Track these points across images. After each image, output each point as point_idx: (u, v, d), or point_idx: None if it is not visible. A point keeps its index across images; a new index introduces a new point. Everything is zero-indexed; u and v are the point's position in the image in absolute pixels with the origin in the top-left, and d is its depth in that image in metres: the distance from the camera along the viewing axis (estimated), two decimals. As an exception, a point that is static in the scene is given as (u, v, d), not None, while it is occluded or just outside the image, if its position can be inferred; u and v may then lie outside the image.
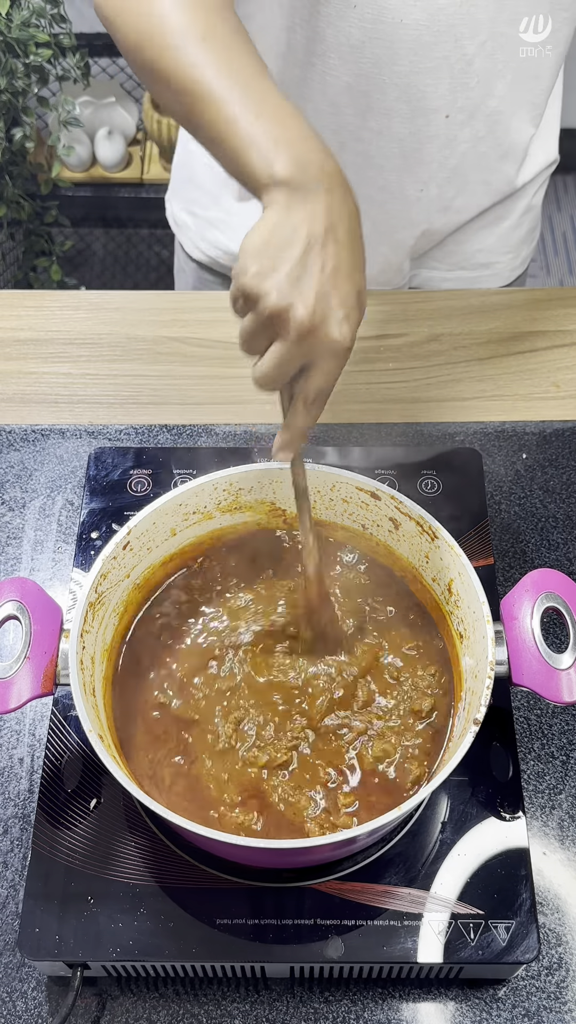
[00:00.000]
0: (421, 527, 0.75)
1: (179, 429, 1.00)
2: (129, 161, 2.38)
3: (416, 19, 0.87)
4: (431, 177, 1.02)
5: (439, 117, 0.95)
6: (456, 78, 0.92)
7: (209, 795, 0.69)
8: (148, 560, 0.77)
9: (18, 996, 0.70)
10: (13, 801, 0.77)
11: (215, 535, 0.81)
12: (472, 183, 1.05)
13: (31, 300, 1.12)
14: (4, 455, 0.98)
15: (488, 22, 0.88)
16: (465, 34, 0.88)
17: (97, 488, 0.90)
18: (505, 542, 0.92)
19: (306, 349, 0.61)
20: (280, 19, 0.91)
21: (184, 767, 0.71)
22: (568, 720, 0.82)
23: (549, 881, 0.74)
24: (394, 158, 0.99)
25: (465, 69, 0.91)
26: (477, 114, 0.96)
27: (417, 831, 0.72)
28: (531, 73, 0.95)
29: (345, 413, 1.02)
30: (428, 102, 0.94)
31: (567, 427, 1.01)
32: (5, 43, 1.77)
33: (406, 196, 1.04)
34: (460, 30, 0.88)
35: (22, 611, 0.69)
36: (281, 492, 0.80)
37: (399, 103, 0.94)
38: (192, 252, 1.19)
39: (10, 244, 2.14)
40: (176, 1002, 0.70)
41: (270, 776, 0.70)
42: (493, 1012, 0.69)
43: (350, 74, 0.92)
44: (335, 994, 0.70)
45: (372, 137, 0.98)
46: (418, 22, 0.87)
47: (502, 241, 1.15)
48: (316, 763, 0.71)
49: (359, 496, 0.78)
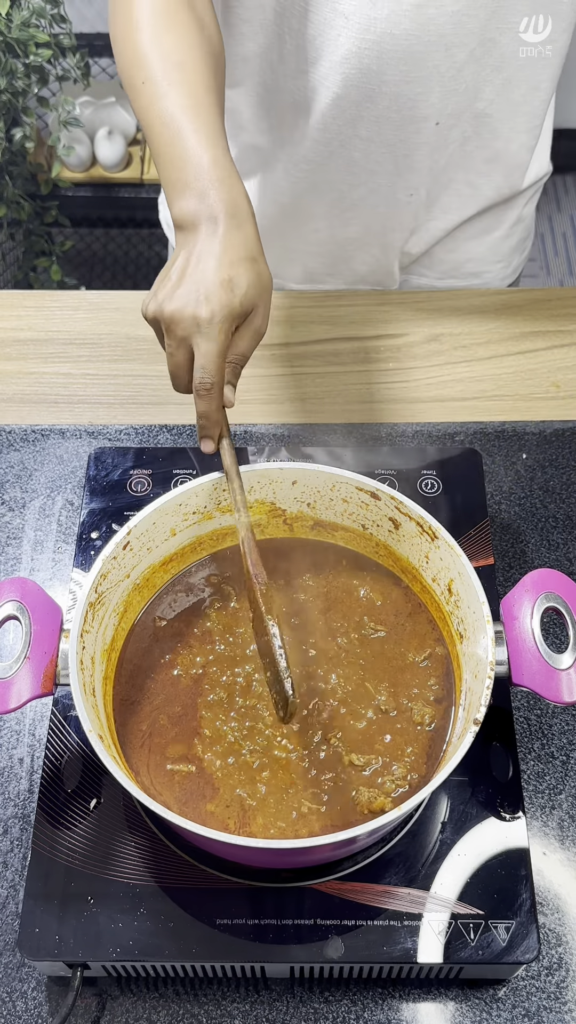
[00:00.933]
0: (421, 527, 0.75)
1: (179, 429, 1.00)
2: (129, 161, 2.38)
3: (406, 29, 0.87)
4: (420, 182, 1.02)
5: (429, 124, 0.95)
6: (446, 86, 0.92)
7: (209, 795, 0.69)
8: (148, 560, 0.77)
9: (18, 996, 0.70)
10: (13, 801, 0.77)
11: (215, 535, 0.81)
12: (457, 183, 1.04)
13: (31, 300, 1.12)
14: (4, 455, 0.98)
15: (479, 30, 0.88)
16: (455, 43, 0.88)
17: (97, 488, 0.90)
18: (505, 542, 0.92)
19: (180, 335, 0.71)
20: (271, 27, 0.91)
21: (184, 767, 0.71)
22: (568, 720, 0.82)
23: (549, 881, 0.74)
24: (384, 163, 1.00)
25: (455, 76, 0.91)
26: (464, 116, 0.96)
27: (417, 831, 0.72)
28: (526, 81, 0.95)
29: (345, 413, 1.02)
30: (418, 110, 0.94)
31: (567, 427, 1.01)
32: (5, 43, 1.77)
33: (396, 200, 1.04)
34: (450, 39, 0.88)
35: (22, 611, 0.69)
36: (281, 492, 0.80)
37: (389, 111, 0.94)
38: None
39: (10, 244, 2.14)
40: (176, 1002, 0.70)
41: (270, 776, 0.70)
42: (493, 1012, 0.69)
43: (340, 84, 0.92)
44: (335, 994, 0.70)
45: (362, 144, 0.98)
46: (408, 32, 0.87)
47: (492, 251, 1.15)
48: (315, 763, 0.71)
49: (359, 496, 0.78)
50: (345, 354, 1.07)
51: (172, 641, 0.77)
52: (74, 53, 1.84)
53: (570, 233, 2.70)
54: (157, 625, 0.78)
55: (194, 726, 0.72)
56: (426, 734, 0.72)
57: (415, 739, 0.72)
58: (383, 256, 1.12)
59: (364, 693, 0.74)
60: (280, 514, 0.82)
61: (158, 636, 0.77)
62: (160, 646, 0.77)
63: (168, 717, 0.73)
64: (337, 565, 0.81)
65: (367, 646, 0.76)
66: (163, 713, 0.73)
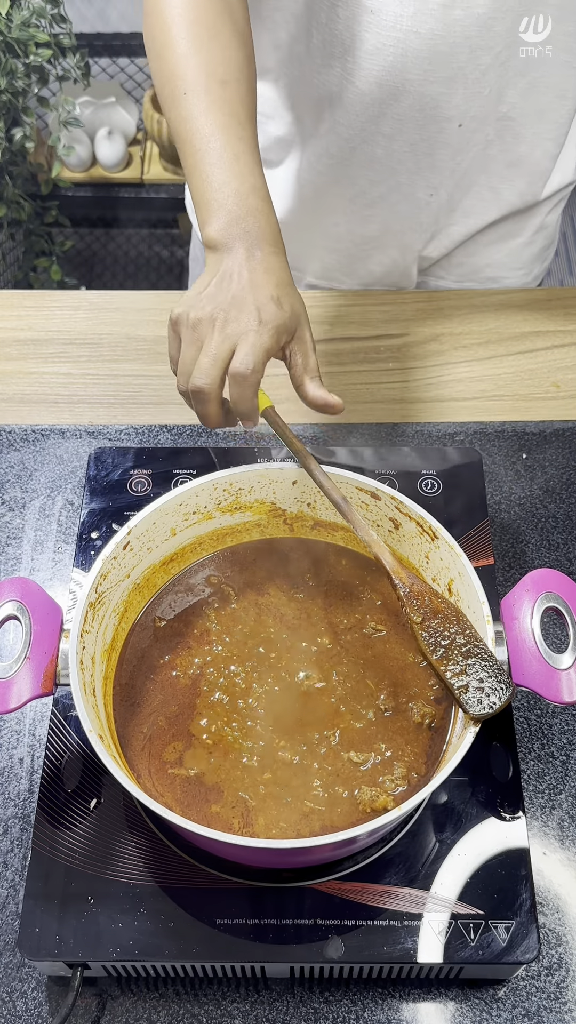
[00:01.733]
0: (421, 527, 0.75)
1: (179, 429, 1.00)
2: (129, 161, 2.38)
3: (431, 29, 0.87)
4: (441, 183, 1.02)
5: (452, 126, 0.95)
6: (470, 88, 0.92)
7: (209, 795, 0.69)
8: (148, 560, 0.77)
9: (18, 996, 0.70)
10: (13, 801, 0.77)
11: (215, 535, 0.81)
12: (479, 186, 1.05)
13: (31, 300, 1.12)
14: (4, 455, 0.98)
15: (504, 33, 0.88)
16: (480, 45, 0.88)
17: (97, 488, 0.90)
18: (505, 542, 0.92)
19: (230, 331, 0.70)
20: (301, 19, 0.92)
21: (184, 767, 0.71)
22: (568, 720, 0.82)
23: (549, 881, 0.74)
24: (406, 162, 1.00)
25: (479, 79, 0.91)
26: (488, 119, 0.96)
27: (417, 831, 0.72)
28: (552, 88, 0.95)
29: (345, 413, 1.01)
30: (441, 111, 0.94)
31: (567, 427, 1.01)
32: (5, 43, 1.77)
33: (416, 199, 1.04)
34: (476, 41, 0.88)
35: (22, 611, 0.69)
36: (281, 492, 0.80)
37: (412, 110, 0.94)
38: None
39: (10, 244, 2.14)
40: (176, 1002, 0.70)
41: (270, 776, 0.70)
42: (493, 1012, 0.69)
43: (365, 79, 0.92)
44: (335, 994, 0.70)
45: (385, 141, 0.98)
46: (433, 32, 0.87)
47: (512, 257, 1.15)
48: (315, 764, 0.71)
49: (359, 496, 0.78)
50: (345, 354, 1.07)
51: (172, 641, 0.77)
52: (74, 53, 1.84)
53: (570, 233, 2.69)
54: (157, 625, 0.78)
55: (194, 726, 0.72)
56: (426, 734, 0.72)
57: (415, 739, 0.72)
58: (401, 258, 1.12)
59: (364, 693, 0.74)
60: (280, 514, 0.82)
61: (158, 636, 0.77)
62: (160, 646, 0.77)
63: (168, 717, 0.73)
64: (337, 565, 0.81)
65: (367, 646, 0.76)
66: (163, 714, 0.73)
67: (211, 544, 0.82)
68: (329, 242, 1.12)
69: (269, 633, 0.77)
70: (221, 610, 0.79)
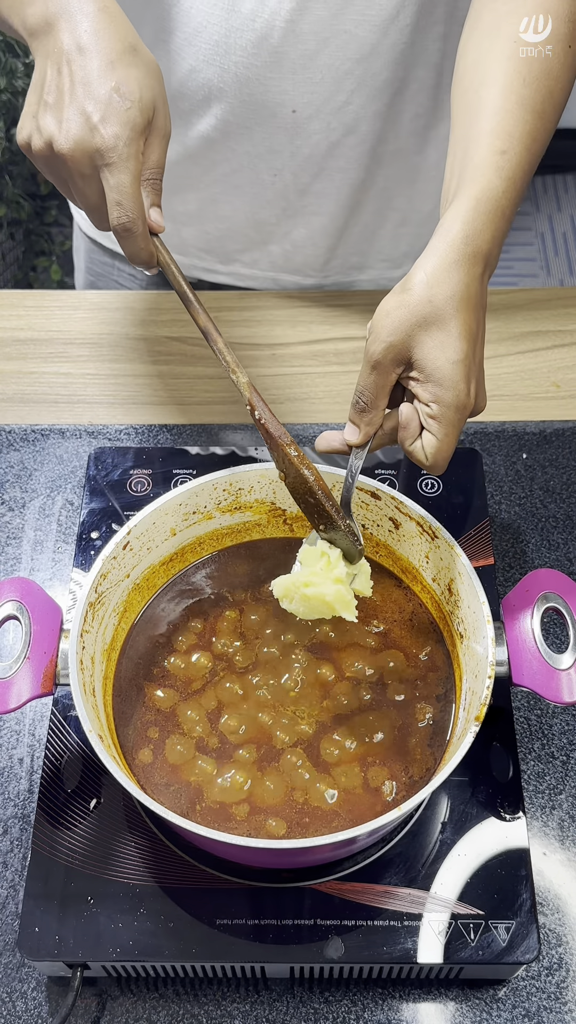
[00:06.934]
0: (421, 527, 0.75)
1: (179, 429, 1.00)
2: (129, 161, 2.38)
3: (251, 8, 0.86)
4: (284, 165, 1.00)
5: (285, 111, 0.94)
6: (298, 73, 0.91)
7: (210, 795, 0.69)
8: (148, 560, 0.77)
9: (18, 996, 0.70)
10: (13, 801, 0.77)
11: (215, 535, 0.81)
12: (328, 170, 1.02)
13: (31, 300, 1.12)
14: (4, 455, 0.98)
15: (329, 19, 0.87)
16: (305, 30, 0.87)
17: (97, 488, 0.90)
18: (505, 542, 0.92)
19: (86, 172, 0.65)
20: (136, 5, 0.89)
21: (184, 767, 0.71)
22: (568, 720, 0.82)
23: (549, 881, 0.74)
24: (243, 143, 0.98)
25: (307, 65, 0.90)
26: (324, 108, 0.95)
27: (417, 831, 0.72)
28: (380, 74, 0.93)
29: (345, 413, 1.01)
30: (271, 96, 0.93)
31: (567, 427, 1.01)
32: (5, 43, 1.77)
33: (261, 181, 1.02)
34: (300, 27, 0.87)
35: (22, 611, 0.69)
36: (281, 492, 0.80)
37: (242, 93, 0.93)
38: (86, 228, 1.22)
39: (10, 244, 2.14)
40: (176, 1002, 0.70)
41: (271, 776, 0.70)
42: (493, 1012, 0.69)
43: (193, 57, 0.91)
44: (335, 994, 0.70)
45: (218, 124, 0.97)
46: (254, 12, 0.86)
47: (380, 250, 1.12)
48: (316, 762, 0.71)
49: (359, 496, 0.78)
50: (345, 354, 1.07)
51: (172, 641, 0.77)
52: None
53: (570, 233, 2.70)
54: (157, 625, 0.78)
55: (194, 726, 0.72)
56: (426, 733, 0.72)
57: (415, 738, 0.72)
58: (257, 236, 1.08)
59: (365, 691, 0.74)
60: (280, 514, 0.82)
61: (158, 636, 0.77)
62: (160, 646, 0.77)
63: (168, 717, 0.73)
64: (337, 565, 0.81)
65: (367, 645, 0.76)
66: (162, 714, 0.73)
67: (211, 544, 0.82)
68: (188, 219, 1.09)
69: (269, 633, 0.77)
70: (221, 610, 0.79)
